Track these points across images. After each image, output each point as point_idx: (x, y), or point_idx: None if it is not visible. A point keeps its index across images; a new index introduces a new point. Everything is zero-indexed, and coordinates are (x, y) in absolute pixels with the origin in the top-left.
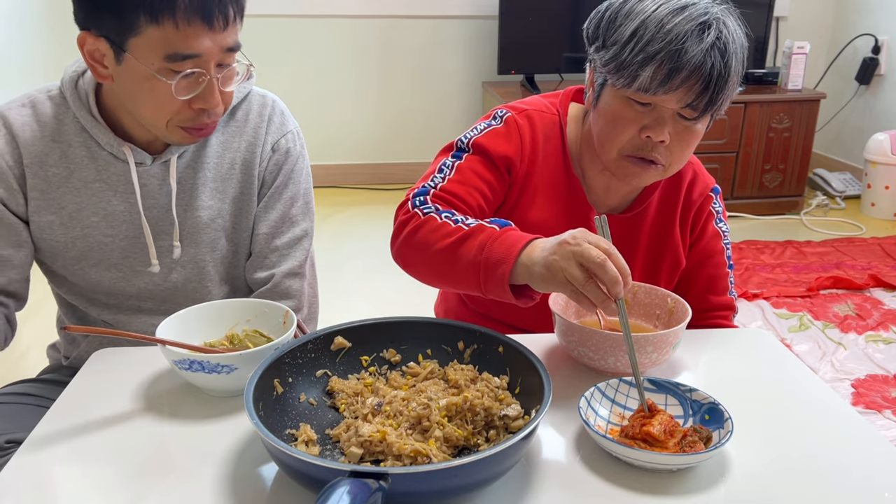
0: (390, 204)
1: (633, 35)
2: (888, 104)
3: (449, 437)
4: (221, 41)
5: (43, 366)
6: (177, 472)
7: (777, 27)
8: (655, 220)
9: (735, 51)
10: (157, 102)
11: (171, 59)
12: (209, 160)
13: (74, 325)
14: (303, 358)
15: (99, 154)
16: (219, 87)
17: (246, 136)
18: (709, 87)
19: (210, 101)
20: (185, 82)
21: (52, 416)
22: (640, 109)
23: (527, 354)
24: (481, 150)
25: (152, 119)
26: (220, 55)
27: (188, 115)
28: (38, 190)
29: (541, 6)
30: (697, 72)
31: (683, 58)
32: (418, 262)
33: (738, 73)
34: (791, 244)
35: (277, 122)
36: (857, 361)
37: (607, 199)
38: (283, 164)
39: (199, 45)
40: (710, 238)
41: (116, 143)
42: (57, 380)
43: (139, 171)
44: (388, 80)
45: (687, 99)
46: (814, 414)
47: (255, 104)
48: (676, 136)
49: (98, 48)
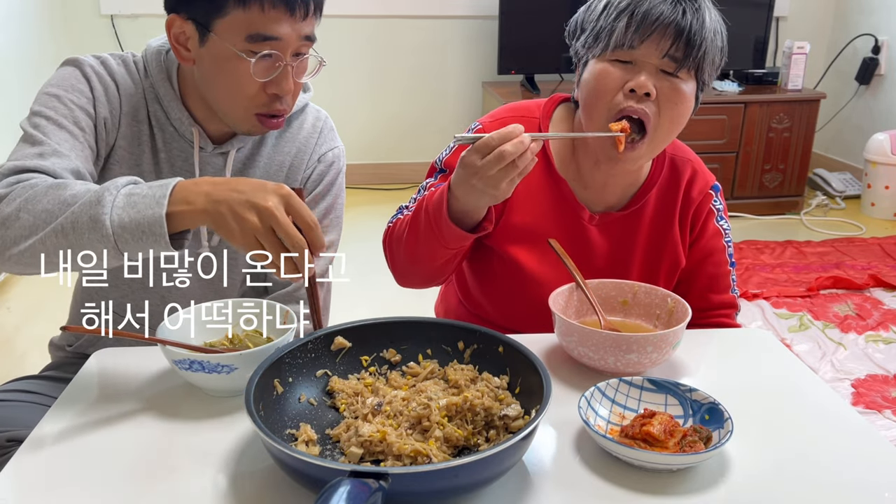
0: (390, 204)
1: (606, 6)
2: (888, 104)
3: (449, 437)
4: (300, 29)
5: (44, 364)
6: (177, 472)
7: (777, 27)
8: (654, 217)
9: (708, 13)
10: (235, 84)
11: (252, 40)
12: (261, 159)
13: (75, 326)
14: (303, 358)
15: (166, 128)
16: (292, 75)
17: (297, 143)
18: (682, 33)
19: (283, 87)
20: (263, 64)
21: (52, 416)
22: (621, 67)
23: (527, 354)
24: (452, 170)
25: (229, 102)
26: (297, 43)
27: (263, 100)
28: (126, 139)
29: (541, 6)
30: (670, 18)
31: (651, 6)
32: (403, 265)
33: (713, 32)
34: (791, 244)
35: (328, 137)
36: (857, 361)
37: (604, 197)
38: (325, 176)
39: (280, 28)
40: (710, 236)
41: (188, 122)
42: (59, 377)
43: (200, 156)
44: (388, 80)
45: (663, 47)
46: (814, 414)
47: (311, 116)
48: (663, 95)
49: (184, 31)
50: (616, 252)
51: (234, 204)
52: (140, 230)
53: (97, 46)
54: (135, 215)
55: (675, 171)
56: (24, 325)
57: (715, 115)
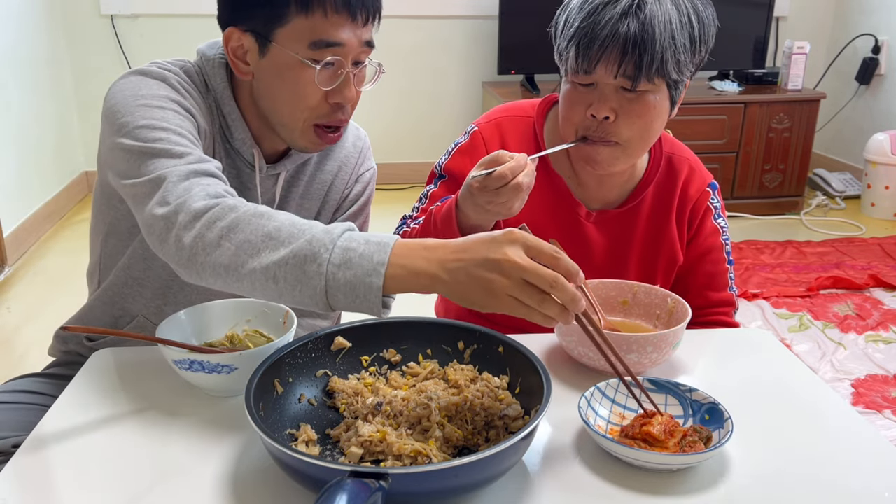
0: (390, 204)
1: (564, 23)
2: (888, 104)
3: (449, 437)
4: (361, 35)
5: (44, 364)
6: (177, 472)
7: (777, 27)
8: (651, 214)
9: (661, 12)
10: (297, 93)
11: (315, 47)
12: (305, 178)
13: (74, 326)
14: (303, 358)
15: (228, 147)
16: (353, 83)
17: (339, 161)
18: (626, 53)
19: (346, 95)
20: (327, 72)
21: (52, 416)
22: (584, 91)
23: (527, 354)
24: (451, 175)
25: (290, 114)
26: (358, 49)
27: (325, 110)
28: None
29: (541, 6)
30: (612, 40)
31: (595, 29)
32: None
33: (672, 35)
34: (791, 244)
35: (366, 156)
36: (857, 361)
37: (601, 194)
38: (361, 196)
39: (342, 34)
40: (708, 234)
41: (249, 142)
42: (61, 374)
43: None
44: (387, 80)
45: (613, 69)
46: (814, 414)
47: (351, 135)
48: (625, 110)
49: (242, 44)
50: (613, 248)
51: (472, 268)
52: (354, 294)
53: (97, 46)
54: (351, 277)
55: (672, 169)
56: (24, 325)
57: (715, 115)
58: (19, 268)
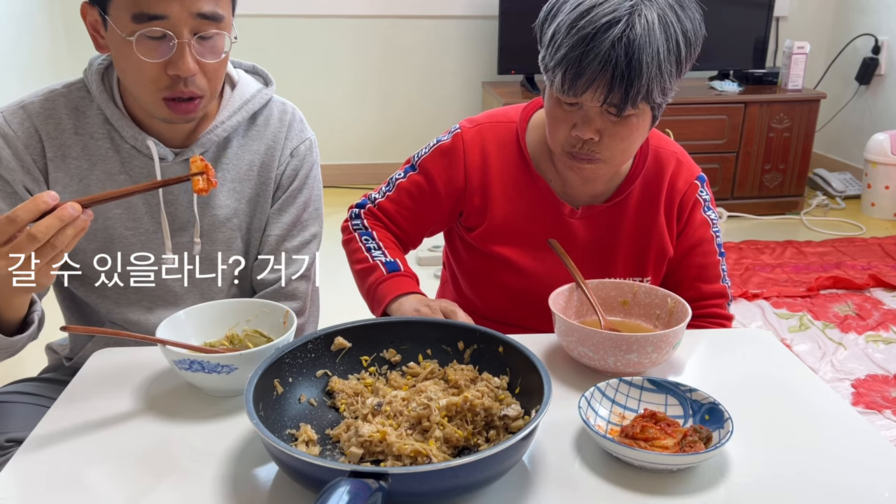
0: None
1: (551, 38)
2: (888, 104)
3: (449, 438)
4: (191, 5)
5: (42, 366)
6: (177, 472)
7: (777, 27)
8: (638, 208)
9: (649, 42)
10: (133, 68)
11: (137, 20)
12: (229, 161)
13: (74, 326)
14: (303, 358)
15: (122, 147)
16: (193, 55)
17: (265, 139)
18: (614, 86)
19: (181, 67)
20: (151, 44)
21: (52, 416)
22: (569, 109)
23: (527, 354)
24: (425, 171)
25: (136, 87)
26: (192, 21)
27: (165, 83)
28: (60, 183)
29: (541, 6)
30: (600, 73)
31: (584, 62)
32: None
33: (658, 65)
34: (791, 244)
35: (297, 129)
36: (857, 361)
37: (588, 189)
38: (300, 170)
39: (165, 6)
40: (697, 226)
41: (141, 137)
42: (57, 379)
43: (161, 167)
44: (387, 80)
45: (598, 97)
46: (814, 414)
47: (276, 111)
48: (609, 132)
49: (94, 16)
50: (601, 242)
51: None
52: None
53: None
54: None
55: (658, 163)
56: None
57: (715, 115)
58: None
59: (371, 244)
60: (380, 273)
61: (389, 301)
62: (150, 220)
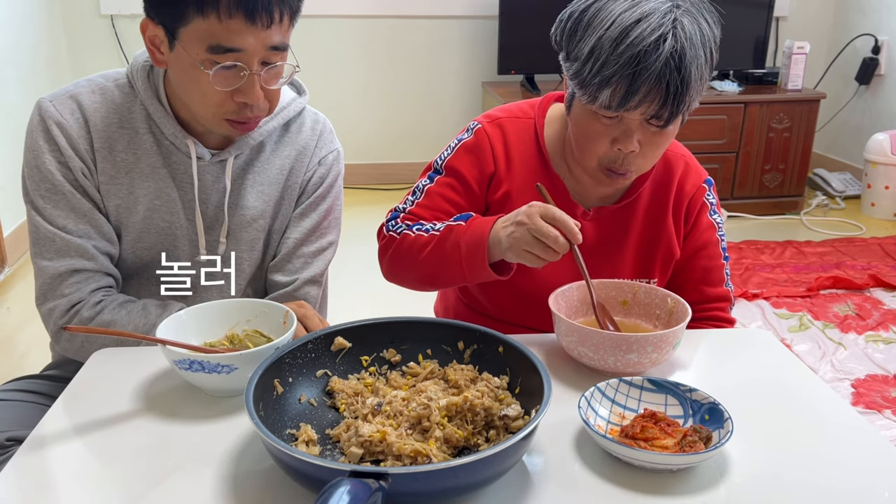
0: (390, 204)
1: (590, 53)
2: (888, 104)
3: (449, 438)
4: (265, 39)
5: (45, 363)
6: (177, 472)
7: (777, 27)
8: (648, 210)
9: (695, 56)
10: (200, 92)
11: (213, 51)
12: (260, 164)
13: (74, 326)
14: (303, 358)
15: (163, 142)
16: (261, 83)
17: (296, 146)
18: (668, 101)
19: (250, 96)
20: (224, 74)
21: (52, 416)
22: (608, 122)
23: (527, 354)
24: (453, 172)
25: (199, 109)
26: (263, 52)
27: (231, 108)
28: (106, 174)
29: (541, 6)
30: (654, 89)
31: (638, 80)
32: (407, 275)
33: (700, 76)
34: (791, 244)
35: (327, 139)
36: (857, 361)
37: (598, 191)
38: (326, 178)
39: (242, 40)
40: (703, 229)
41: (181, 136)
42: (60, 376)
43: (198, 166)
44: (387, 80)
45: (649, 112)
46: (814, 414)
47: (308, 120)
48: (647, 141)
49: (157, 34)
50: (611, 243)
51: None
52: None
53: (97, 46)
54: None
55: (668, 166)
56: (24, 325)
57: (715, 115)
58: (19, 268)
59: (427, 226)
60: (458, 227)
61: (488, 230)
62: (185, 216)
